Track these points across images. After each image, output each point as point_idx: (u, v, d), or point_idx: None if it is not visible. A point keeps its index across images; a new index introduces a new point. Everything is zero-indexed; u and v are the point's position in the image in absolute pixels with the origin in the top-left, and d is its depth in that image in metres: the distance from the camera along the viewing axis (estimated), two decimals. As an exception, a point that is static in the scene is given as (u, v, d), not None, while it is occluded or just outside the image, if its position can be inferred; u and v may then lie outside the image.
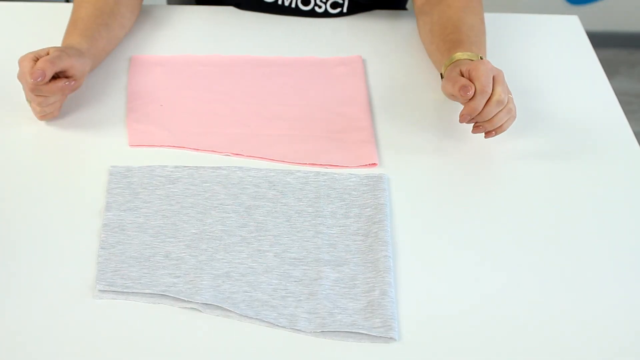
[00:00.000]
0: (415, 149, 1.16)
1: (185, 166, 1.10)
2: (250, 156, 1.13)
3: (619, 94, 1.34)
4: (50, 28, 1.37)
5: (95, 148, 1.14)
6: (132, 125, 1.17)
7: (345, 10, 1.40)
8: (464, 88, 1.07)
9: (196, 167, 1.10)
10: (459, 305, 0.95)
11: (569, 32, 1.42)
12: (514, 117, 1.12)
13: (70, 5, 1.44)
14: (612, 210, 1.08)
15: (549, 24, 1.45)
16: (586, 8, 2.83)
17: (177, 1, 1.53)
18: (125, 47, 1.32)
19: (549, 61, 1.35)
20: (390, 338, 0.90)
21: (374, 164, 1.12)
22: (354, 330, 0.91)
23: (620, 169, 1.14)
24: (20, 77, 1.13)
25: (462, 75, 1.11)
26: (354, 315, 0.92)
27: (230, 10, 1.42)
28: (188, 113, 1.20)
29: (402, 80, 1.29)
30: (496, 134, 1.12)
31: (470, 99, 1.07)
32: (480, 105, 1.08)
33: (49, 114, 1.16)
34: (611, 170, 1.14)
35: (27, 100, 1.15)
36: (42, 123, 1.18)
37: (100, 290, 0.94)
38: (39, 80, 1.09)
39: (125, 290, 0.94)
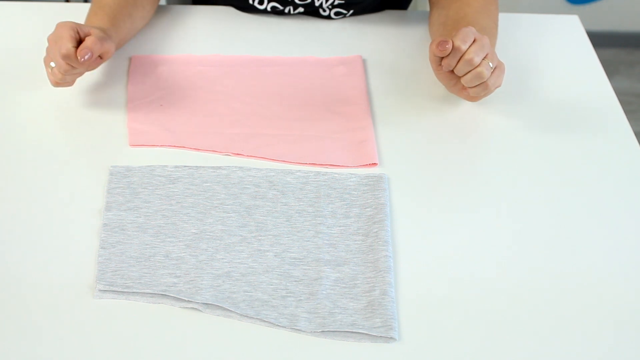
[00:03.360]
0: (415, 149, 1.16)
1: (185, 166, 1.10)
2: (250, 156, 1.13)
3: (619, 93, 1.34)
4: (50, 28, 1.37)
5: (95, 148, 1.14)
6: (132, 125, 1.17)
7: (348, 15, 1.40)
8: (441, 43, 1.09)
9: (196, 167, 1.10)
10: (459, 305, 0.95)
11: (569, 32, 1.42)
12: (488, 88, 1.12)
13: (70, 5, 1.45)
14: (612, 210, 1.08)
15: (549, 24, 1.45)
16: (586, 8, 2.83)
17: (177, 1, 1.53)
18: (125, 47, 1.32)
19: (549, 61, 1.35)
20: (391, 338, 0.90)
21: (374, 163, 1.12)
22: (354, 330, 0.91)
23: (620, 169, 1.14)
24: (56, 40, 1.12)
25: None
26: (354, 315, 0.92)
27: (230, 10, 1.42)
28: (188, 113, 1.20)
29: (402, 80, 1.29)
30: (474, 97, 1.14)
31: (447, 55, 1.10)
32: (453, 62, 1.10)
33: (66, 83, 1.16)
34: (611, 170, 1.14)
35: (47, 63, 1.14)
36: (42, 123, 1.18)
37: (100, 290, 0.94)
38: (86, 58, 1.10)
39: (125, 290, 0.94)
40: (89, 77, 1.24)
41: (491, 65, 1.12)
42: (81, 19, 1.40)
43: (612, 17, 2.85)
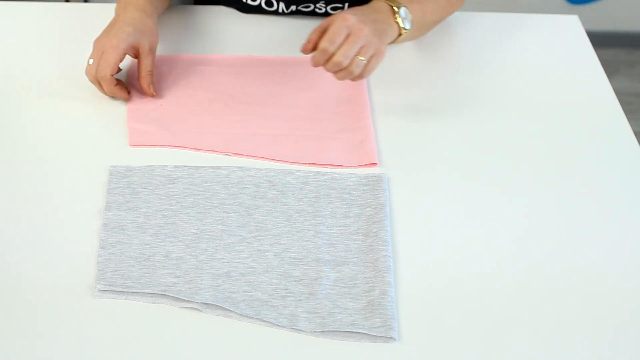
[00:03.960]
0: (415, 149, 1.16)
1: (185, 166, 1.10)
2: (250, 156, 1.13)
3: (619, 93, 1.34)
4: (50, 28, 1.37)
5: (95, 148, 1.14)
6: (132, 125, 1.17)
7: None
8: (305, 47, 1.14)
9: (196, 167, 1.10)
10: (459, 304, 0.95)
11: (569, 32, 1.42)
12: (360, 78, 1.15)
13: (70, 5, 1.45)
14: (612, 210, 1.08)
15: (549, 23, 1.45)
16: (586, 8, 2.83)
17: (176, 1, 1.53)
18: (125, 47, 1.32)
19: (549, 61, 1.35)
20: (390, 338, 0.90)
21: (374, 163, 1.12)
22: (354, 330, 0.91)
23: (620, 169, 1.14)
24: (103, 50, 1.17)
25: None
26: (354, 315, 0.92)
27: (230, 11, 1.42)
28: (188, 113, 1.20)
29: (402, 79, 1.29)
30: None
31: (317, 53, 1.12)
32: (320, 61, 1.13)
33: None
34: (611, 170, 1.14)
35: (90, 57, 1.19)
36: (42, 123, 1.18)
37: (100, 290, 0.94)
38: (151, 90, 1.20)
39: (125, 290, 0.94)
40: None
41: (363, 59, 1.12)
42: (81, 19, 1.40)
43: (612, 17, 2.85)
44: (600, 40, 2.62)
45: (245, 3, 1.40)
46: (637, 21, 2.88)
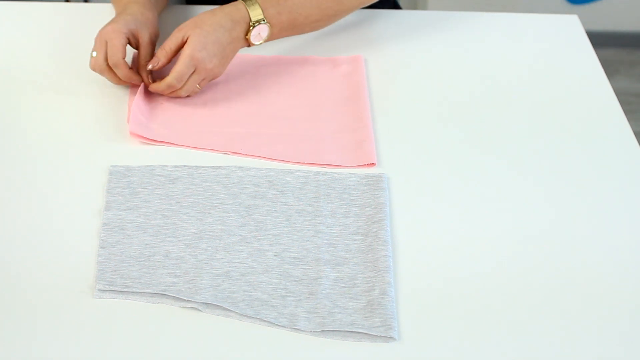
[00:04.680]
0: (415, 149, 1.16)
1: (185, 166, 1.10)
2: (249, 155, 1.13)
3: (619, 93, 1.34)
4: (50, 28, 1.37)
5: (95, 148, 1.14)
6: (135, 113, 1.16)
7: None
8: (152, 65, 1.19)
9: (196, 166, 1.10)
10: (459, 304, 0.95)
11: (569, 32, 1.42)
12: (197, 88, 1.21)
13: (70, 5, 1.45)
14: (612, 210, 1.08)
15: (549, 23, 1.45)
16: (586, 8, 2.83)
17: (176, 1, 1.53)
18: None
19: (549, 61, 1.35)
20: (390, 337, 0.90)
21: (373, 163, 1.12)
22: (353, 330, 0.91)
23: (620, 169, 1.14)
24: (106, 39, 1.18)
25: (183, 43, 1.18)
26: (353, 315, 0.92)
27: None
28: (188, 111, 1.20)
29: (402, 79, 1.29)
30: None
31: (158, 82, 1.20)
32: (165, 91, 1.20)
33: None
34: (611, 170, 1.14)
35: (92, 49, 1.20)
36: (42, 123, 1.18)
37: (100, 290, 0.94)
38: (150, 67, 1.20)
39: (125, 290, 0.94)
40: (90, 77, 1.24)
41: (198, 87, 1.21)
42: (81, 19, 1.40)
43: (612, 17, 2.85)
44: (600, 40, 2.63)
45: None
46: (637, 21, 2.88)
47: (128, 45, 1.20)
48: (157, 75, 1.23)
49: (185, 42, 1.18)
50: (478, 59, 1.35)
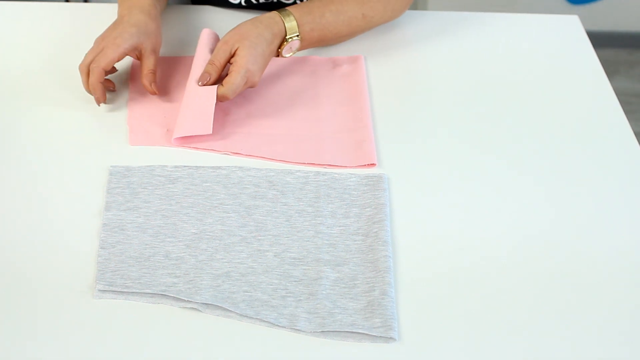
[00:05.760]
0: (415, 149, 1.16)
1: (185, 166, 1.10)
2: (249, 155, 1.13)
3: (619, 94, 1.34)
4: (50, 28, 1.37)
5: (95, 148, 1.14)
6: (132, 125, 1.17)
7: None
8: (201, 77, 1.17)
9: (196, 167, 1.10)
10: (459, 305, 0.95)
11: (569, 32, 1.42)
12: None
13: (70, 5, 1.45)
14: (612, 210, 1.08)
15: (549, 24, 1.45)
16: (586, 8, 2.83)
17: (176, 1, 1.53)
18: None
19: (549, 61, 1.35)
20: (390, 338, 0.90)
21: (373, 164, 1.12)
22: (354, 330, 0.91)
23: (620, 169, 1.14)
24: (100, 50, 1.18)
25: (232, 55, 1.18)
26: (354, 315, 0.92)
27: (230, 11, 1.42)
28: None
29: (403, 79, 1.29)
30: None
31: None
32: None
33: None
34: (611, 170, 1.14)
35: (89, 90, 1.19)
36: (42, 123, 1.18)
37: (100, 290, 0.94)
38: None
39: (125, 290, 0.94)
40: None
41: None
42: (81, 19, 1.40)
43: (612, 17, 2.85)
44: (600, 40, 2.63)
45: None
46: (637, 21, 2.88)
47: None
48: (161, 84, 1.23)
49: (234, 54, 1.17)
50: (478, 59, 1.35)
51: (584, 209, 1.08)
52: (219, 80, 1.18)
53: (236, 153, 1.13)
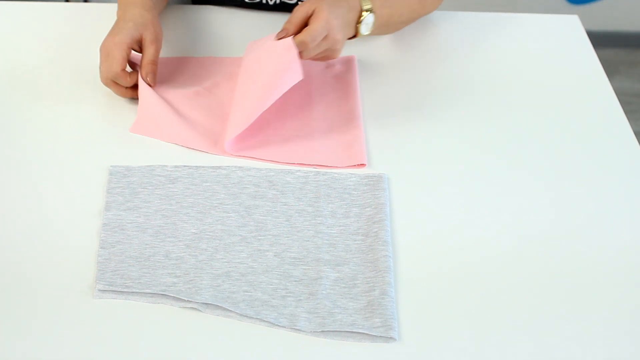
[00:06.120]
0: (415, 149, 1.16)
1: (185, 166, 1.10)
2: (240, 156, 1.12)
3: (619, 94, 1.34)
4: (50, 28, 1.37)
5: (95, 148, 1.14)
6: (141, 114, 1.17)
7: None
8: (278, 37, 1.17)
9: (196, 166, 1.10)
10: (459, 305, 0.95)
11: (569, 31, 1.42)
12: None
13: (70, 5, 1.45)
14: (612, 210, 1.08)
15: (549, 23, 1.45)
16: (586, 8, 2.83)
17: (177, 1, 1.53)
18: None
19: (549, 61, 1.35)
20: (390, 338, 0.90)
21: (363, 164, 1.12)
22: (354, 330, 0.91)
23: (620, 168, 1.14)
24: (108, 54, 1.18)
25: (309, 17, 1.17)
26: (354, 315, 0.92)
27: (230, 10, 1.42)
28: (186, 112, 1.19)
29: (402, 79, 1.29)
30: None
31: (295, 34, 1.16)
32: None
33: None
34: (611, 170, 1.14)
35: (108, 84, 1.20)
36: (42, 123, 1.18)
37: (100, 290, 0.94)
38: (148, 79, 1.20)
39: (125, 290, 0.94)
40: (89, 77, 1.24)
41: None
42: (81, 19, 1.40)
43: (612, 17, 2.85)
44: (600, 40, 2.63)
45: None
46: (637, 21, 2.88)
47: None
48: (158, 76, 1.23)
49: (311, 14, 1.17)
50: (478, 58, 1.35)
51: (584, 208, 1.08)
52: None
53: (226, 154, 1.13)
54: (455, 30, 1.40)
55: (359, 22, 1.22)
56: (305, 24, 1.17)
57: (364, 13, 1.22)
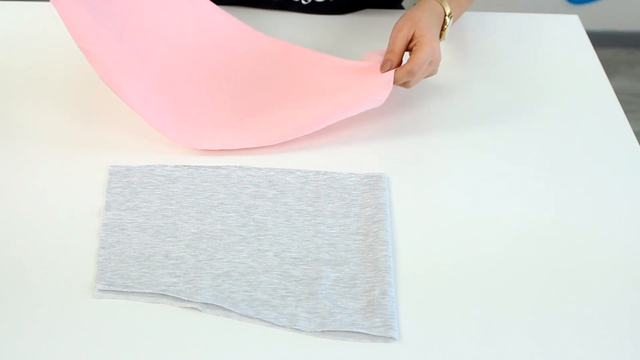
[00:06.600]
0: (415, 149, 1.16)
1: (185, 165, 1.10)
2: (272, 145, 1.13)
3: (619, 93, 1.34)
4: (50, 28, 1.37)
5: (95, 148, 1.14)
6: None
7: None
8: (383, 68, 1.17)
9: (196, 166, 1.10)
10: (459, 305, 0.95)
11: (569, 31, 1.42)
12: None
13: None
14: (612, 210, 1.08)
15: (549, 23, 1.45)
16: (586, 8, 2.83)
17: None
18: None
19: (549, 61, 1.35)
20: (390, 337, 0.90)
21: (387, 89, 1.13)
22: (354, 330, 0.91)
23: (620, 168, 1.14)
24: None
25: (410, 41, 1.17)
26: (354, 315, 0.92)
27: (230, 10, 1.42)
28: (187, 102, 1.19)
29: (402, 80, 1.29)
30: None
31: (397, 68, 1.16)
32: (401, 79, 1.16)
33: None
34: (611, 170, 1.14)
35: None
36: (41, 123, 1.18)
37: (100, 290, 0.94)
38: None
39: (125, 290, 0.94)
40: (89, 77, 1.24)
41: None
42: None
43: (612, 17, 2.85)
44: (600, 40, 2.63)
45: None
46: (637, 21, 2.88)
47: None
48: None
49: (411, 39, 1.17)
50: (478, 58, 1.35)
51: (584, 208, 1.08)
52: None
53: (264, 146, 1.13)
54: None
55: (443, 29, 1.23)
56: (407, 47, 1.17)
57: (447, 19, 1.22)
